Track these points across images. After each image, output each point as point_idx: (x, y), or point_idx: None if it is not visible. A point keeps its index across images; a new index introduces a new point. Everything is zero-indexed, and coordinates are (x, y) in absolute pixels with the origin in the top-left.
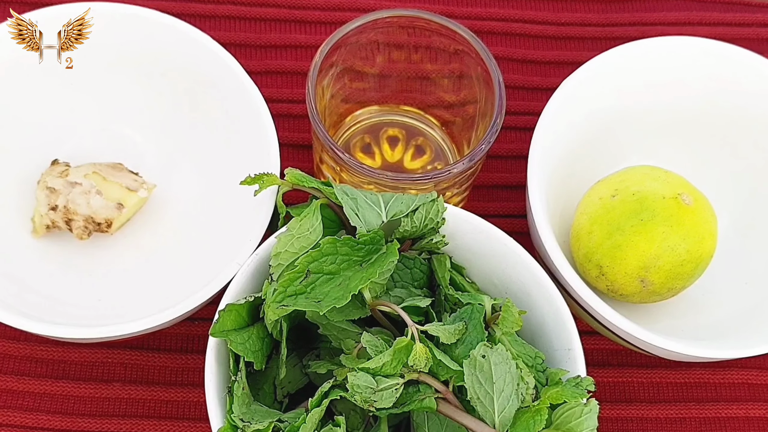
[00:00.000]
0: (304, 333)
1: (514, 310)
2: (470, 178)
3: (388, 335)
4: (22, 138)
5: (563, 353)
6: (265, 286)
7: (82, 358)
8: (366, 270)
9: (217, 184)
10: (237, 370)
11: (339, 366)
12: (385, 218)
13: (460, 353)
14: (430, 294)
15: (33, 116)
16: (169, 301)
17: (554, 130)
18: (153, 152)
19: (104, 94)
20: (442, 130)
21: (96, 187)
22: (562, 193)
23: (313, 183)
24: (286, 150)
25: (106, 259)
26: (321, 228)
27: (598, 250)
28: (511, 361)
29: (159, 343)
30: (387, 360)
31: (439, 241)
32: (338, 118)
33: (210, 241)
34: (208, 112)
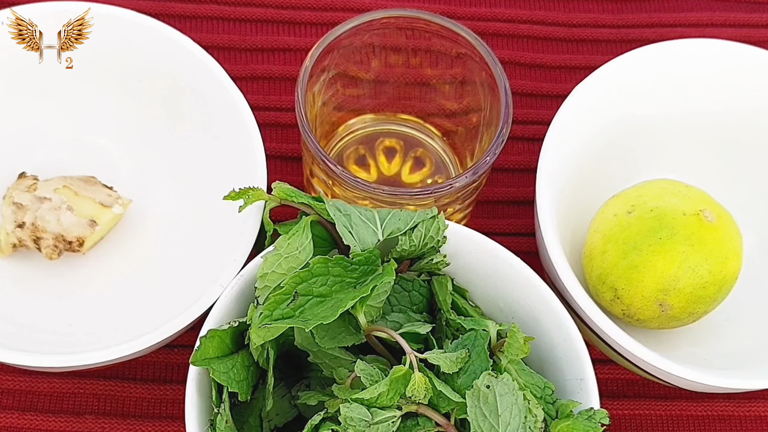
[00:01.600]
0: (293, 361)
1: (520, 336)
2: (474, 192)
3: (385, 363)
4: None
5: (575, 383)
6: (251, 310)
7: (52, 388)
8: (359, 290)
9: (198, 200)
10: (220, 402)
11: (331, 397)
12: (381, 236)
13: (463, 383)
14: (430, 319)
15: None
16: (146, 326)
17: (565, 141)
18: (129, 164)
19: (76, 101)
20: (443, 141)
21: (67, 202)
22: (573, 210)
23: (303, 198)
24: (273, 162)
25: (77, 281)
26: (311, 247)
27: (613, 271)
28: (518, 391)
29: (135, 373)
30: (383, 390)
31: (440, 261)
32: (330, 128)
33: (191, 262)
34: (188, 121)
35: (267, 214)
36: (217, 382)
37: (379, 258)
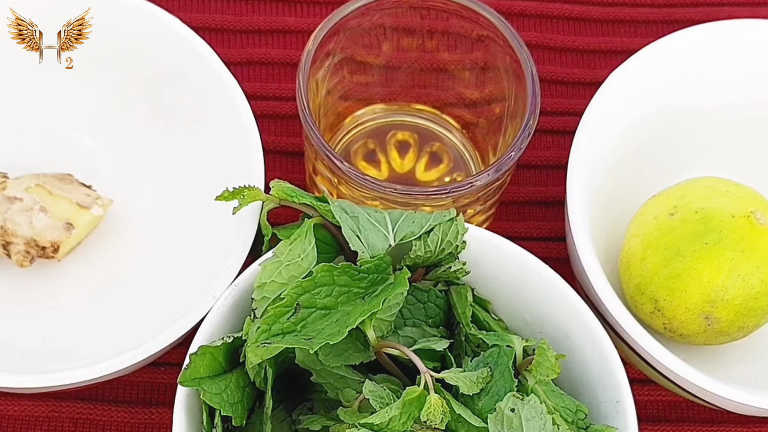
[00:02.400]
0: (293, 381)
1: (551, 353)
2: (497, 192)
3: (397, 384)
4: None
5: (610, 406)
6: (247, 324)
7: (23, 411)
8: (369, 303)
9: (187, 200)
10: (212, 427)
11: (336, 421)
12: (392, 241)
13: (485, 406)
14: (447, 334)
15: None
16: (129, 342)
17: (599, 134)
18: (109, 161)
19: (49, 90)
20: (462, 134)
21: (40, 203)
22: (609, 211)
23: (305, 198)
24: (272, 158)
25: (52, 291)
26: (315, 253)
27: (653, 280)
28: (546, 415)
29: (117, 394)
30: (395, 414)
31: (459, 269)
32: (336, 119)
33: (179, 270)
34: (176, 112)
35: (265, 217)
36: (208, 405)
37: (390, 265)
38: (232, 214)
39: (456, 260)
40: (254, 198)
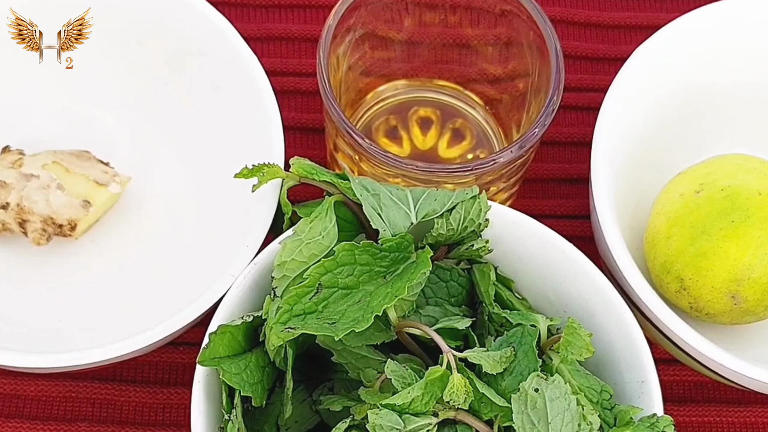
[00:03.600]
0: (314, 361)
1: (582, 332)
2: (520, 169)
3: (419, 364)
4: None
5: (635, 386)
6: (267, 304)
7: (40, 392)
8: (392, 284)
9: (206, 177)
10: (231, 407)
11: (357, 402)
12: (414, 219)
13: (508, 386)
14: (470, 313)
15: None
16: (147, 321)
17: (624, 111)
18: (127, 138)
19: (66, 66)
20: (485, 111)
21: (57, 180)
22: (634, 189)
23: (326, 176)
24: (292, 135)
25: (68, 270)
26: (336, 231)
27: (679, 258)
28: (570, 396)
29: (134, 374)
30: (417, 395)
31: (482, 247)
32: (357, 96)
33: (198, 248)
34: (195, 88)
35: (284, 194)
36: (227, 385)
37: (412, 244)
38: (251, 191)
39: (479, 238)
40: (274, 175)
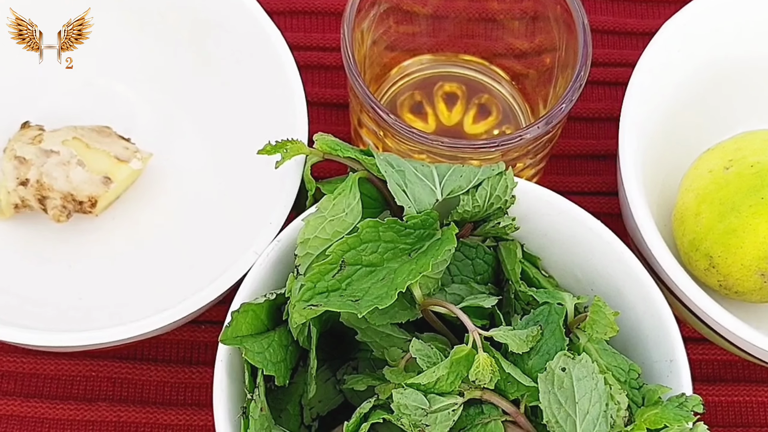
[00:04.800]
0: (338, 340)
1: (607, 311)
2: (547, 145)
3: (444, 343)
4: None
5: (664, 365)
6: (290, 281)
7: (60, 371)
8: (416, 261)
9: (228, 154)
10: (254, 387)
11: (382, 381)
12: (439, 196)
13: (535, 365)
14: (496, 291)
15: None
16: (168, 299)
17: (653, 86)
18: (148, 113)
19: (87, 39)
20: (511, 86)
21: (77, 156)
22: (662, 165)
23: (350, 152)
24: (315, 110)
25: (89, 247)
26: (360, 208)
27: (708, 236)
28: (598, 375)
29: (156, 353)
30: (442, 374)
31: (508, 224)
32: (382, 71)
33: (220, 225)
34: (217, 63)
35: (308, 171)
36: (250, 364)
37: (437, 221)
38: (274, 168)
39: (505, 215)
40: (297, 152)
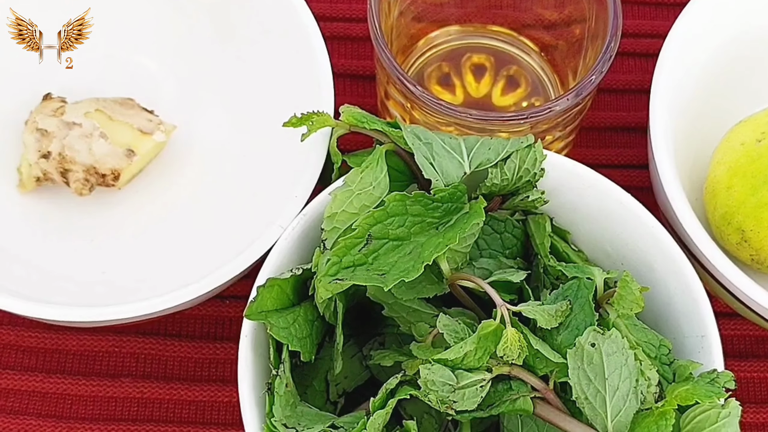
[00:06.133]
0: (364, 315)
1: (634, 285)
2: (576, 117)
3: (472, 318)
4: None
5: (695, 341)
6: (316, 256)
7: (82, 347)
8: (443, 235)
9: (253, 126)
10: (279, 363)
11: (409, 357)
12: (467, 169)
13: (564, 341)
14: (524, 265)
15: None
16: (192, 274)
17: (684, 57)
18: (172, 84)
19: (109, 10)
20: (540, 57)
21: (100, 128)
22: (693, 138)
23: (377, 124)
24: (342, 82)
25: (112, 221)
26: (387, 181)
27: (740, 209)
28: (628, 351)
29: (180, 328)
30: (470, 349)
31: (537, 198)
32: (409, 42)
33: (245, 199)
34: (242, 34)
35: (334, 143)
36: (275, 340)
37: (465, 194)
38: (300, 141)
39: (534, 189)
40: (323, 124)
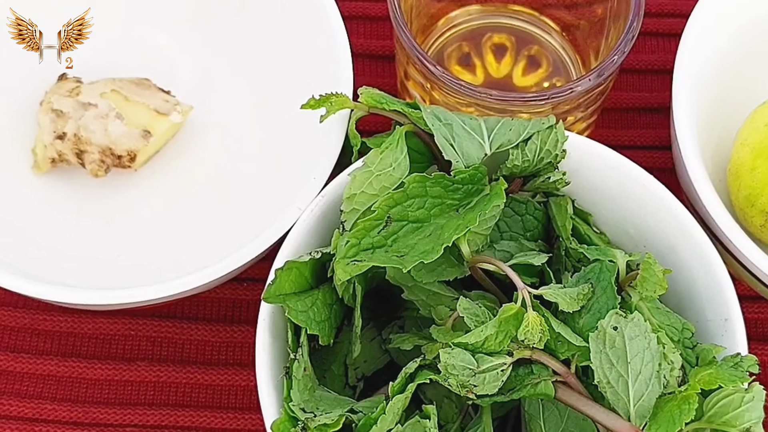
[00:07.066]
0: (383, 298)
1: (657, 268)
2: (598, 98)
3: (492, 301)
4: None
5: (718, 324)
6: (335, 238)
7: (97, 330)
8: (463, 216)
9: (271, 107)
10: (297, 346)
11: (428, 341)
12: (488, 150)
13: (585, 324)
14: (546, 248)
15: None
16: (209, 256)
17: (708, 37)
18: (189, 65)
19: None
20: (562, 37)
21: (116, 109)
22: (717, 119)
23: (396, 105)
24: (361, 62)
25: (128, 203)
26: (407, 163)
27: (764, 191)
28: (650, 334)
29: (196, 311)
30: (490, 333)
31: (559, 179)
32: (429, 21)
33: (262, 180)
34: (260, 14)
35: (353, 125)
36: (293, 323)
37: (485, 176)
38: (319, 122)
39: (555, 170)
40: (342, 106)
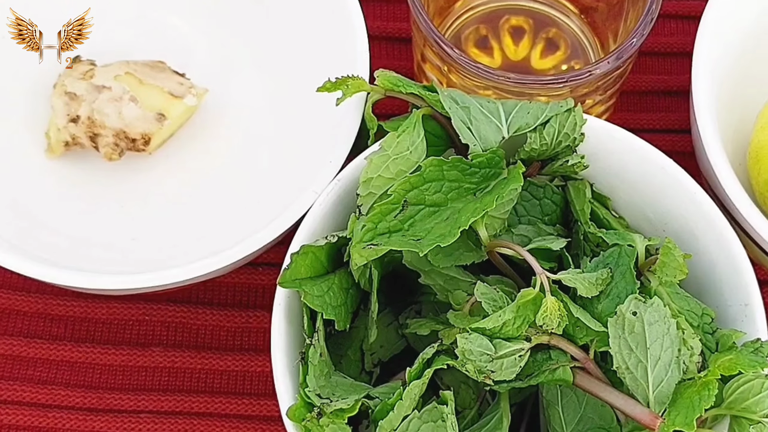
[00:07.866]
0: (400, 283)
1: (677, 252)
2: (617, 81)
3: (510, 286)
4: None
5: (738, 309)
6: (351, 222)
7: (112, 315)
8: (481, 200)
9: (287, 90)
10: (313, 331)
11: (446, 326)
12: (506, 133)
13: (604, 310)
14: (564, 232)
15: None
16: (225, 240)
17: (728, 19)
18: (204, 47)
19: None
20: (580, 19)
21: (130, 92)
22: (737, 102)
23: (413, 88)
24: (377, 45)
25: (142, 186)
26: (424, 146)
27: None
28: (670, 319)
29: (211, 296)
30: (508, 318)
31: (577, 163)
32: (446, 3)
33: (278, 164)
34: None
35: (370, 108)
36: (309, 308)
37: (503, 159)
38: (335, 105)
39: (574, 154)
40: (358, 89)
